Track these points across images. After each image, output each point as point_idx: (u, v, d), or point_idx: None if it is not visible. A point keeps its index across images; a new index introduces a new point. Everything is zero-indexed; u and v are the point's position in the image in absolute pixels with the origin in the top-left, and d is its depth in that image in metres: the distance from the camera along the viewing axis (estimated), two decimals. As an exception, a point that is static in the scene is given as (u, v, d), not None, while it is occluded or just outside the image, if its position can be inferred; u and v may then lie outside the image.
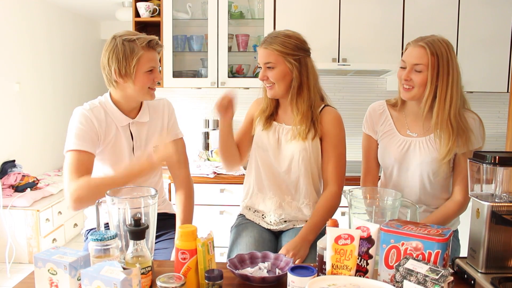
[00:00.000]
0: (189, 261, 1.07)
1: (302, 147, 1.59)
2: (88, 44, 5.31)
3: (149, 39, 1.48)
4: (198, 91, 3.30)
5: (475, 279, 1.12)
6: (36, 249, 3.40)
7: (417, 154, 1.55)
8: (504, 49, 2.85)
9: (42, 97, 4.27)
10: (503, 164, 1.12)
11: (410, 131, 1.59)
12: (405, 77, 1.49)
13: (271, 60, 1.55)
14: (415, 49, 1.48)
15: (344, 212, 2.66)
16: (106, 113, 1.55)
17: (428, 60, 1.45)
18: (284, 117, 1.67)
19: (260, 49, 1.59)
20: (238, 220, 1.76)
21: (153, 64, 1.50)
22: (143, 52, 1.47)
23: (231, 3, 2.95)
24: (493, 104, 3.21)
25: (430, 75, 1.45)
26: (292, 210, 1.65)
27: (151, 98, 1.56)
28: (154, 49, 1.50)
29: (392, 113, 1.64)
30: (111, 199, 1.16)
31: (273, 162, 1.65)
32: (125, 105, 1.57)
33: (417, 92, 1.49)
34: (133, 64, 1.46)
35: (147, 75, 1.49)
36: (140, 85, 1.50)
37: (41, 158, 4.24)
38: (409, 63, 1.49)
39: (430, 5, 2.84)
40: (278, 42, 1.55)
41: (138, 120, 1.59)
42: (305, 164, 1.60)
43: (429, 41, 1.46)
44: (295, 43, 1.57)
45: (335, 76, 3.23)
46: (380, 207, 1.28)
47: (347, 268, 1.01)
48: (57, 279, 0.97)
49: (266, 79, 1.58)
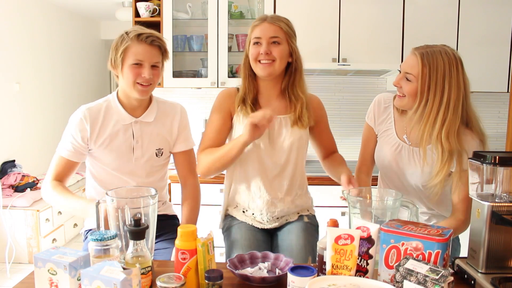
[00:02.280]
0: (189, 261, 1.07)
1: (299, 136, 1.57)
2: (88, 44, 5.31)
3: (140, 32, 1.45)
4: (198, 91, 3.30)
5: (475, 279, 1.12)
6: (36, 249, 3.41)
7: (409, 162, 1.50)
8: (504, 49, 2.85)
9: (42, 97, 4.27)
10: (503, 164, 1.12)
11: (406, 137, 1.53)
12: (395, 83, 1.46)
13: (279, 36, 1.51)
14: (410, 56, 1.42)
15: (344, 212, 2.66)
16: (107, 111, 1.54)
17: (419, 71, 1.37)
18: (268, 103, 1.59)
19: (264, 24, 1.52)
20: (227, 222, 1.68)
21: (140, 57, 1.45)
22: (130, 44, 1.44)
23: (231, 3, 2.95)
24: (493, 104, 3.21)
25: (420, 87, 1.37)
26: (285, 205, 1.61)
27: (140, 95, 1.49)
28: (145, 42, 1.45)
29: (395, 113, 1.57)
30: (111, 199, 1.16)
31: (265, 157, 1.57)
32: (127, 102, 1.55)
33: (408, 101, 1.43)
34: (119, 55, 1.45)
35: (133, 68, 1.45)
36: (126, 78, 1.47)
37: (41, 158, 4.24)
38: (402, 70, 1.44)
39: (430, 5, 2.84)
40: (284, 21, 1.54)
41: (142, 120, 1.57)
42: (302, 153, 1.62)
43: (427, 51, 1.37)
44: (293, 28, 1.58)
45: (335, 76, 3.23)
46: (380, 207, 1.28)
47: (347, 268, 1.01)
48: (57, 279, 0.97)
49: (270, 53, 1.50)
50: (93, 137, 1.52)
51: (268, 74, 1.53)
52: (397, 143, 1.54)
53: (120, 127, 1.54)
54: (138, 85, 1.48)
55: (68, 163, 1.53)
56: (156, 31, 1.52)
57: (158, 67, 1.52)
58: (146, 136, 1.58)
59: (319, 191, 2.63)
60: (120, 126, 1.54)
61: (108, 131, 1.53)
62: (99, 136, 1.53)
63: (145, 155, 1.59)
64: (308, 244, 1.55)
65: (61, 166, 1.53)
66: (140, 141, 1.57)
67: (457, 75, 1.37)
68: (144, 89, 1.49)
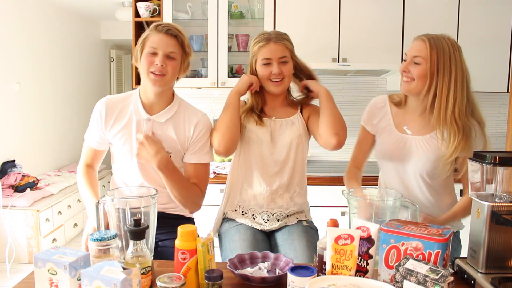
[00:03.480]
0: (189, 261, 1.07)
1: (297, 134, 1.65)
2: (88, 44, 5.31)
3: (159, 23, 1.49)
4: (198, 91, 3.30)
5: (475, 279, 1.12)
6: (36, 249, 3.41)
7: (413, 152, 1.54)
8: (504, 49, 2.85)
9: (42, 97, 4.27)
10: (503, 164, 1.12)
11: (407, 128, 1.58)
12: (404, 68, 1.51)
13: (286, 55, 1.60)
14: (416, 42, 1.50)
15: (344, 212, 2.66)
16: (125, 104, 1.56)
17: (428, 53, 1.45)
18: (273, 112, 1.69)
19: (270, 45, 1.58)
20: (225, 225, 1.70)
21: (154, 45, 1.46)
22: (149, 34, 1.49)
23: (231, 3, 2.95)
24: (493, 104, 3.21)
25: (430, 68, 1.45)
26: (284, 202, 1.66)
27: (153, 84, 1.47)
28: (161, 32, 1.47)
29: (393, 109, 1.64)
30: (111, 199, 1.16)
31: (267, 154, 1.64)
32: (145, 97, 1.55)
33: (416, 85, 1.48)
34: (139, 46, 1.50)
35: (148, 56, 1.47)
36: (141, 68, 1.50)
37: (41, 158, 4.24)
38: (410, 55, 1.51)
39: (430, 5, 2.84)
40: (286, 39, 1.63)
41: (155, 119, 1.54)
42: (302, 150, 1.66)
43: (432, 36, 1.48)
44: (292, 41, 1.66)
45: (335, 76, 3.23)
46: (380, 207, 1.28)
47: (347, 268, 1.01)
48: (57, 279, 0.97)
49: (281, 73, 1.59)
50: (108, 127, 1.54)
51: (281, 91, 1.64)
52: (398, 135, 1.59)
53: (133, 122, 1.53)
54: (152, 74, 1.47)
55: (93, 150, 1.61)
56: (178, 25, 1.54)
57: (174, 58, 1.49)
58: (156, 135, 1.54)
59: (319, 191, 2.64)
60: (134, 120, 1.53)
61: (123, 124, 1.54)
62: (113, 127, 1.54)
63: None
64: (311, 245, 1.56)
65: (88, 153, 1.62)
66: None
67: (460, 58, 1.47)
68: (157, 78, 1.47)
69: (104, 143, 1.60)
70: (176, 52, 1.49)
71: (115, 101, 1.57)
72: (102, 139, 1.58)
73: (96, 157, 1.63)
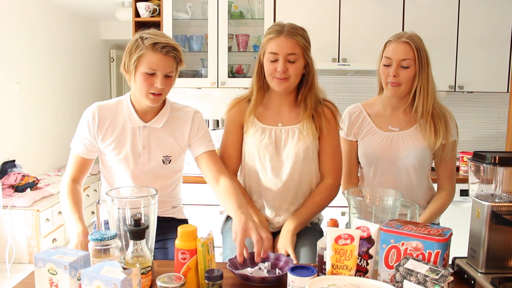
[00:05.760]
0: (189, 261, 1.07)
1: (305, 146, 1.53)
2: (88, 44, 5.31)
3: (156, 41, 1.40)
4: (198, 91, 3.30)
5: (475, 279, 1.12)
6: (36, 249, 3.40)
7: (402, 147, 1.59)
8: (504, 49, 2.85)
9: (42, 97, 4.27)
10: (503, 164, 1.12)
11: (391, 126, 1.63)
12: (394, 73, 1.53)
13: (296, 52, 1.47)
14: (400, 45, 1.53)
15: (344, 212, 2.66)
16: (117, 111, 1.52)
17: (414, 55, 1.51)
18: (277, 117, 1.59)
19: (281, 38, 1.46)
20: (229, 223, 1.66)
21: (153, 67, 1.40)
22: (145, 52, 1.40)
23: (231, 3, 2.95)
24: (493, 104, 3.21)
25: (418, 69, 1.52)
26: (289, 215, 1.59)
27: (152, 103, 1.46)
28: (160, 53, 1.40)
29: (369, 112, 1.68)
30: (111, 199, 1.16)
31: (270, 168, 1.55)
32: (138, 106, 1.52)
33: (405, 88, 1.56)
34: (133, 61, 1.42)
35: (146, 77, 1.42)
36: (138, 86, 1.44)
37: (41, 158, 4.24)
38: (396, 59, 1.53)
39: (430, 5, 2.84)
40: (301, 34, 1.48)
41: (150, 125, 1.52)
42: (309, 163, 1.56)
43: (410, 36, 1.53)
44: (309, 39, 1.53)
45: (335, 76, 3.23)
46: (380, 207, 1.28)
47: (347, 268, 1.01)
48: (57, 279, 0.97)
49: (286, 71, 1.47)
50: (100, 136, 1.50)
51: (284, 89, 1.52)
52: (384, 134, 1.62)
53: (128, 130, 1.52)
54: (151, 94, 1.45)
55: (81, 160, 1.53)
56: (172, 40, 1.47)
57: (171, 76, 1.47)
58: (153, 142, 1.53)
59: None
60: (129, 128, 1.52)
61: (116, 132, 1.51)
62: (107, 135, 1.51)
63: (151, 162, 1.53)
64: (314, 246, 1.54)
65: (75, 163, 1.54)
66: (147, 147, 1.53)
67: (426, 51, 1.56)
68: (156, 98, 1.46)
69: (94, 151, 1.54)
70: (173, 71, 1.47)
71: (106, 108, 1.52)
72: (92, 147, 1.52)
73: (84, 168, 1.55)
